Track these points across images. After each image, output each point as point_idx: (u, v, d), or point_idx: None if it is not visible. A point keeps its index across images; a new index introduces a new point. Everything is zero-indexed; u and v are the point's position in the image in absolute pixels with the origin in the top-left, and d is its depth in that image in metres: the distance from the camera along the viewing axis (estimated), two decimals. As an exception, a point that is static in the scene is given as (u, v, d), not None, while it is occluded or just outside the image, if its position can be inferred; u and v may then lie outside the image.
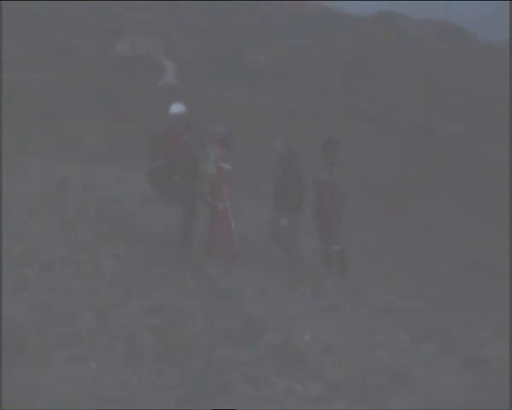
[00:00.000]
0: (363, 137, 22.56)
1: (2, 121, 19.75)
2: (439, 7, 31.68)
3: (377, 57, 28.27)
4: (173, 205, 12.41)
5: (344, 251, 12.42)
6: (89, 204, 14.42)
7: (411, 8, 31.55)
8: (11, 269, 10.46)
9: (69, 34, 27.21)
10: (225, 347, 8.86)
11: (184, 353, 8.57)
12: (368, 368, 8.60)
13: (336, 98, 25.41)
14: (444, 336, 10.08)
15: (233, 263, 12.07)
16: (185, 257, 12.12)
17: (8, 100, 21.47)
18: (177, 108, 12.57)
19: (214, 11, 30.10)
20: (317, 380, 8.23)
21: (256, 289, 11.10)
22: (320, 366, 8.53)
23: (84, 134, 21.20)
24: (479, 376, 8.70)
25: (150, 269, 11.39)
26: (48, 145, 19.83)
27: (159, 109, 13.25)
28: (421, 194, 19.71)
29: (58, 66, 25.18)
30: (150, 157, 12.47)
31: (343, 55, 28.31)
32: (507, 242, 16.07)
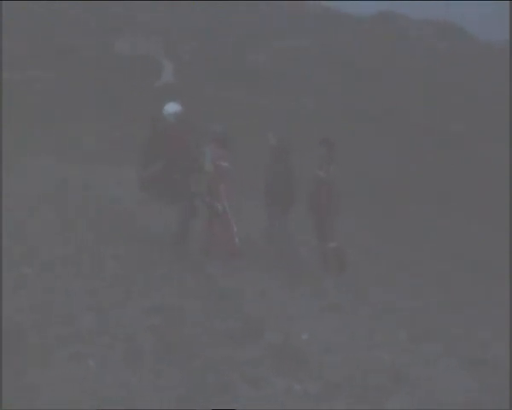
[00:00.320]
0: (363, 137, 22.53)
1: (1, 121, 19.75)
2: (439, 7, 31.65)
3: (377, 57, 28.26)
4: (172, 205, 12.41)
5: (340, 248, 12.51)
6: (89, 204, 14.43)
7: (411, 8, 31.56)
8: (11, 269, 10.45)
9: (69, 34, 27.19)
10: (225, 347, 8.85)
11: (184, 353, 8.57)
12: (368, 368, 8.60)
13: (336, 98, 25.39)
14: (444, 336, 10.08)
15: (233, 263, 12.07)
16: (185, 257, 12.11)
17: (7, 100, 21.45)
18: (173, 108, 12.60)
19: (214, 11, 30.06)
20: (317, 380, 8.22)
21: (256, 289, 11.09)
22: (320, 366, 8.53)
23: (84, 134, 21.17)
24: (478, 376, 8.70)
25: (150, 269, 11.38)
26: (48, 145, 19.81)
27: (159, 109, 13.24)
28: (421, 194, 19.68)
29: (58, 66, 25.15)
30: (146, 159, 12.46)
31: (343, 55, 28.31)
32: (507, 242, 16.05)
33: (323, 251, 12.53)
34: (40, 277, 10.53)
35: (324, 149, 12.50)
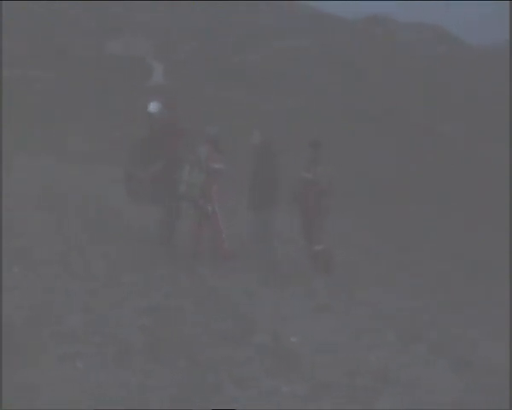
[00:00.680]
0: (363, 137, 22.55)
1: (1, 121, 19.75)
2: (439, 7, 31.64)
3: (377, 58, 28.27)
4: (157, 206, 12.36)
5: (328, 250, 12.49)
6: (81, 203, 14.44)
7: (411, 8, 31.57)
8: (0, 269, 10.39)
9: (69, 34, 27.21)
10: (215, 347, 8.83)
11: (174, 353, 8.54)
12: (357, 369, 8.56)
13: (336, 98, 25.40)
14: (443, 336, 10.06)
15: (223, 264, 12.06)
16: (175, 257, 12.10)
17: (7, 99, 21.46)
18: (154, 107, 12.58)
19: (214, 11, 30.08)
20: (306, 381, 8.19)
21: (246, 289, 11.08)
22: (310, 367, 8.50)
23: (84, 134, 21.19)
24: (467, 376, 8.69)
25: (142, 269, 11.37)
26: (48, 144, 19.83)
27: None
28: (421, 194, 19.68)
29: (58, 66, 25.17)
30: (142, 159, 12.42)
31: (343, 55, 28.32)
32: (507, 242, 16.04)
33: (311, 253, 12.53)
34: (29, 276, 10.50)
35: (312, 151, 12.51)
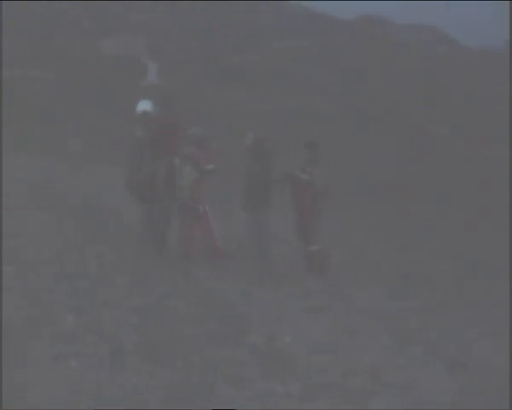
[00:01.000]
0: (363, 137, 22.53)
1: (1, 121, 19.75)
2: (439, 7, 31.64)
3: (376, 58, 28.25)
4: (152, 206, 12.36)
5: (323, 251, 12.48)
6: (77, 204, 14.45)
7: (410, 8, 31.54)
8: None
9: (69, 34, 27.19)
10: (209, 347, 8.82)
11: (168, 353, 8.53)
12: (351, 370, 8.55)
13: (336, 98, 25.37)
14: (441, 336, 10.05)
15: (217, 264, 12.05)
16: (168, 258, 12.09)
17: (7, 99, 21.46)
18: (144, 106, 12.57)
19: (214, 11, 30.05)
20: (301, 381, 8.19)
21: (240, 289, 11.06)
22: (304, 368, 8.48)
23: (83, 134, 21.18)
24: (462, 378, 8.68)
25: (135, 269, 11.36)
26: (47, 144, 19.82)
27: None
28: (421, 194, 19.67)
29: (58, 66, 25.15)
30: (142, 159, 12.41)
31: (343, 55, 28.30)
32: (507, 242, 16.04)
33: (306, 254, 12.52)
34: (23, 276, 10.49)
35: (308, 152, 12.49)
